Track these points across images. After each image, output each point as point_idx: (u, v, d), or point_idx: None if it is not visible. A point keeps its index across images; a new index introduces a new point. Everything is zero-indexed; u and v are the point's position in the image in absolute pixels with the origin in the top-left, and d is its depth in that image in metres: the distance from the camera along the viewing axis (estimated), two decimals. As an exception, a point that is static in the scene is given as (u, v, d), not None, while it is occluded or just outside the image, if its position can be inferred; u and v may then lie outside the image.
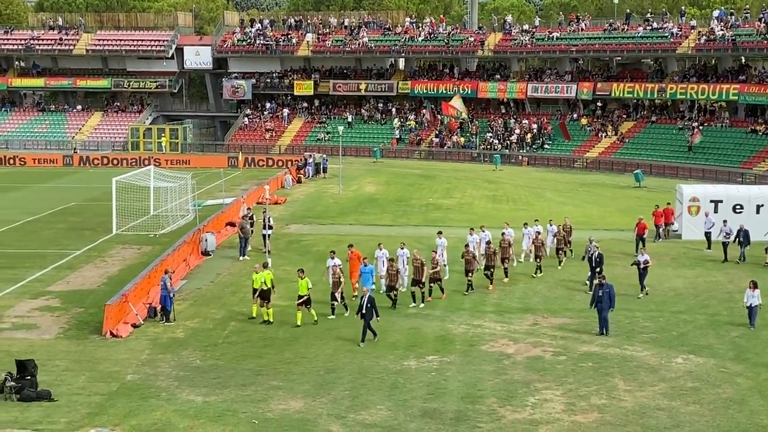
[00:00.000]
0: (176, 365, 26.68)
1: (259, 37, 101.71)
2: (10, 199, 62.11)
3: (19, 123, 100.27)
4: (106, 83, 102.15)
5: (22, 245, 45.04)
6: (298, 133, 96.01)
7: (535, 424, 22.17)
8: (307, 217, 53.60)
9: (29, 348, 27.75)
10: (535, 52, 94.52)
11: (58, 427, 21.88)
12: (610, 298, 29.22)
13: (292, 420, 22.34)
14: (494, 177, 73.77)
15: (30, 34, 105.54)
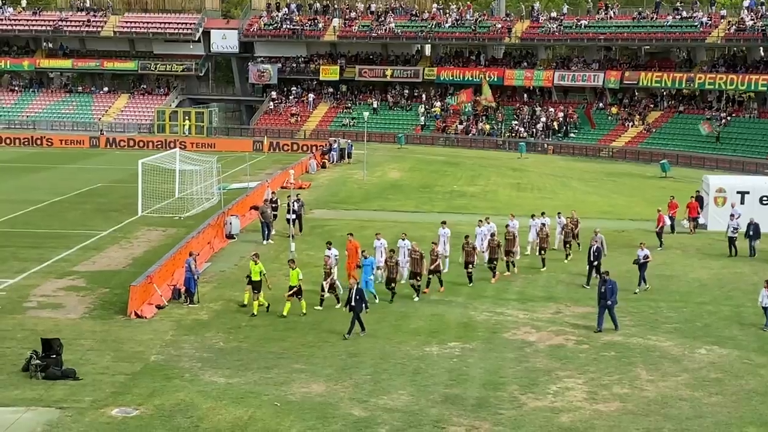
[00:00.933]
0: (200, 347, 26.81)
1: (286, 21, 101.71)
2: (37, 180, 62.52)
3: (46, 104, 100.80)
4: (133, 65, 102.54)
5: (49, 225, 45.32)
6: (323, 118, 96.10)
7: (557, 412, 22.19)
8: (331, 202, 53.69)
9: (55, 327, 27.95)
10: (562, 39, 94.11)
11: (83, 406, 22.06)
12: (612, 293, 28.47)
13: (314, 403, 22.43)
14: (519, 165, 73.62)
15: (58, 16, 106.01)
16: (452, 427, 21.13)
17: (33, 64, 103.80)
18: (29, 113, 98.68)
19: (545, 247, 37.57)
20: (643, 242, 34.95)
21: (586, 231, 39.02)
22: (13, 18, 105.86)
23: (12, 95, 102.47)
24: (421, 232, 39.21)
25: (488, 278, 34.75)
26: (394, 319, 29.82)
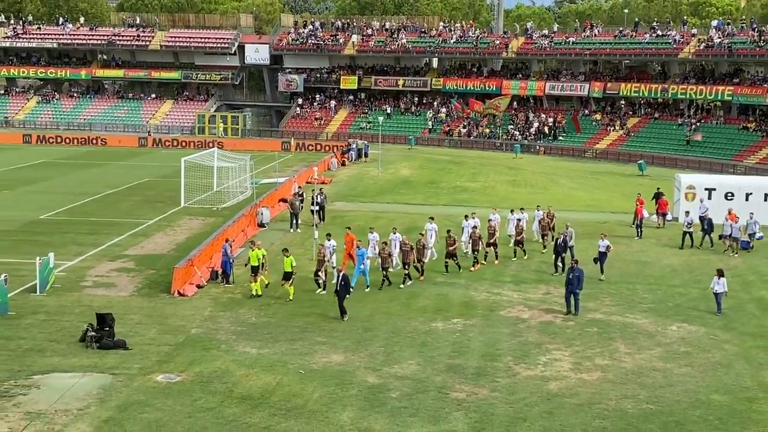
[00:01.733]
0: (234, 321, 26.89)
1: (311, 37, 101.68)
2: (93, 174, 62.70)
3: (101, 108, 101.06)
4: (176, 75, 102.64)
5: (103, 214, 45.44)
6: (343, 122, 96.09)
7: (546, 380, 22.19)
8: (349, 195, 53.69)
9: (108, 303, 28.03)
10: (553, 54, 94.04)
11: (132, 373, 22.15)
12: (579, 280, 27.74)
13: (334, 371, 22.48)
14: (514, 164, 73.48)
15: (112, 31, 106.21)
16: (454, 392, 21.15)
17: (89, 74, 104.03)
18: (86, 116, 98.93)
19: (521, 240, 36.19)
20: (603, 233, 34.19)
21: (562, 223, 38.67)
22: (72, 33, 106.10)
23: (71, 101, 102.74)
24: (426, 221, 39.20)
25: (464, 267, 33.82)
26: (404, 298, 29.85)
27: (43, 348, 23.80)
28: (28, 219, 43.36)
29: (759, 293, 31.59)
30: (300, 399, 20.55)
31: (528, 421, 19.59)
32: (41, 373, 21.84)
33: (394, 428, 18.98)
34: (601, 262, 32.93)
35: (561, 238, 33.94)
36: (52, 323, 26.11)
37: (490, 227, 35.68)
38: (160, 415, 19.45)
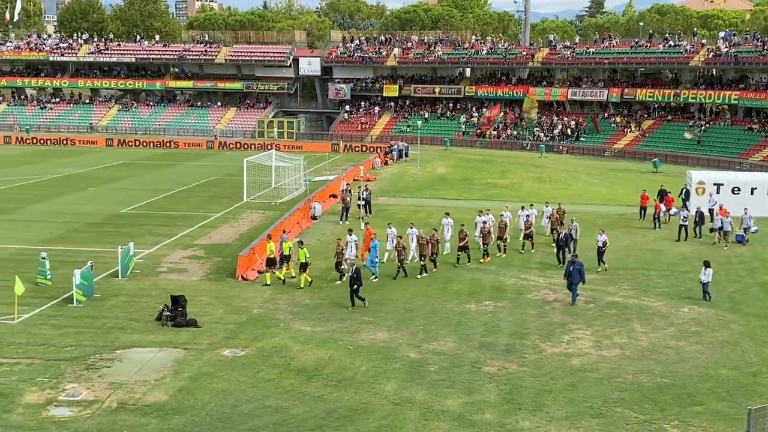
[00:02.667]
0: (291, 303, 27.02)
1: (357, 50, 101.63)
2: (167, 174, 63.33)
3: (173, 115, 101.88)
4: (239, 86, 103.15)
5: (176, 208, 45.85)
6: (386, 126, 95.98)
7: (569, 356, 22.04)
8: (391, 191, 53.68)
9: (180, 286, 28.30)
10: (574, 63, 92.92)
11: (202, 347, 22.37)
12: (579, 273, 26.81)
13: (379, 347, 22.52)
14: (540, 163, 72.91)
15: (183, 47, 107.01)
16: (486, 367, 21.08)
17: (163, 85, 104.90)
18: (160, 122, 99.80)
19: (530, 233, 35.00)
20: (602, 229, 33.05)
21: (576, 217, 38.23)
22: (148, 49, 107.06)
23: (147, 108, 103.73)
24: (461, 215, 39.08)
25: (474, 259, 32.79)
26: (441, 283, 29.78)
27: (124, 326, 24.12)
28: (111, 213, 43.90)
29: (763, 278, 31.12)
30: (349, 372, 20.62)
31: (553, 393, 19.48)
32: (123, 348, 22.14)
33: (433, 398, 18.97)
34: (599, 255, 31.65)
35: (563, 233, 32.91)
36: (132, 304, 26.44)
37: (501, 222, 34.89)
38: (227, 385, 19.63)
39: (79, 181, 56.87)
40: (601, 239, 31.69)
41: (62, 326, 23.94)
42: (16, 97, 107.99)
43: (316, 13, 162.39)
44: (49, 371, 20.31)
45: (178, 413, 18.02)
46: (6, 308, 25.11)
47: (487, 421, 17.77)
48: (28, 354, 21.56)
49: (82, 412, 17.99)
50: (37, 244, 35.02)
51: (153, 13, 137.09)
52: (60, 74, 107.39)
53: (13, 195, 49.65)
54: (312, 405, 18.52)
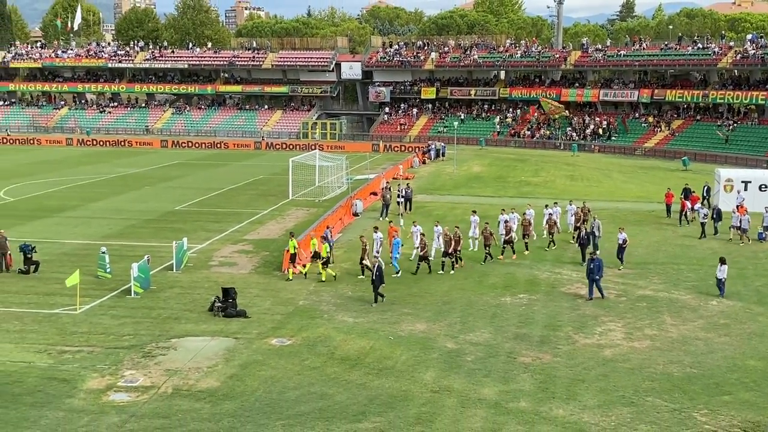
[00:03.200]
0: (334, 295, 27.10)
1: (396, 55, 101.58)
2: (217, 173, 63.83)
3: (223, 118, 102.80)
4: (285, 89, 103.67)
5: (226, 206, 46.18)
6: (424, 126, 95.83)
7: (601, 347, 21.82)
8: (429, 189, 53.60)
9: (231, 279, 28.53)
10: (606, 65, 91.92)
11: (251, 337, 22.53)
12: (599, 269, 26.22)
13: (418, 338, 22.50)
14: (572, 161, 72.25)
15: (232, 54, 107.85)
16: (521, 357, 20.96)
17: (214, 89, 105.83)
18: (211, 125, 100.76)
19: (553, 232, 34.67)
20: (622, 227, 32.17)
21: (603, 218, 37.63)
22: (200, 56, 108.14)
23: (199, 112, 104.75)
24: (495, 212, 38.82)
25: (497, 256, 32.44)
26: (477, 276, 29.66)
27: (178, 316, 24.38)
28: (166, 210, 44.41)
29: (791, 273, 30.50)
30: (390, 361, 20.63)
31: (586, 382, 19.31)
32: (177, 337, 22.39)
33: (470, 386, 18.92)
34: (619, 253, 30.83)
35: (584, 231, 31.99)
36: (185, 296, 26.72)
37: (524, 221, 34.25)
38: (275, 373, 19.76)
39: (136, 181, 57.62)
40: (621, 237, 30.97)
41: (121, 316, 24.29)
42: (77, 102, 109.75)
43: (357, 20, 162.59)
44: (108, 359, 20.62)
45: (229, 399, 18.19)
46: (69, 299, 25.55)
47: (522, 409, 17.67)
48: (89, 342, 21.92)
49: (140, 397, 18.24)
50: (98, 239, 35.56)
51: (204, 21, 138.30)
52: (118, 80, 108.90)
53: (75, 193, 50.47)
54: (355, 392, 18.57)
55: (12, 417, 17.10)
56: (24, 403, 17.81)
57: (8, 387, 18.65)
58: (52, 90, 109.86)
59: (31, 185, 54.13)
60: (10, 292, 26.99)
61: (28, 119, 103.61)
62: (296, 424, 16.78)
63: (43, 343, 21.75)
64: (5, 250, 29.75)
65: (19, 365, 20.07)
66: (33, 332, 22.72)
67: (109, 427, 16.65)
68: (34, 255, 29.76)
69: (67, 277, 25.29)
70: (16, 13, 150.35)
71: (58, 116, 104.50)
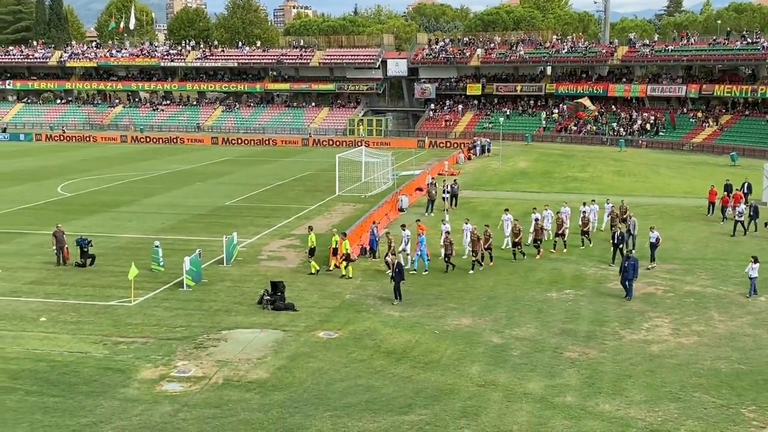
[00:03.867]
0: (380, 289, 27.14)
1: (442, 51, 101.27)
2: (266, 169, 64.33)
3: (272, 115, 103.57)
4: (332, 87, 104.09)
5: (274, 201, 46.49)
6: (469, 123, 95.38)
7: (648, 343, 21.53)
8: (474, 185, 53.34)
9: (279, 273, 28.73)
10: (653, 60, 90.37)
11: (299, 329, 22.71)
12: (634, 269, 25.63)
13: (463, 332, 22.45)
14: (619, 157, 71.27)
15: (280, 52, 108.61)
16: (568, 352, 20.79)
17: (263, 87, 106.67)
18: (260, 122, 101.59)
19: (587, 231, 33.43)
20: (653, 226, 31.17)
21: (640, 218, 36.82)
22: (249, 54, 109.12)
23: (248, 109, 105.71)
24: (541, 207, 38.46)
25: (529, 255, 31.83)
26: (523, 271, 29.47)
27: (229, 309, 24.66)
28: (216, 205, 44.93)
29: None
30: (435, 354, 20.63)
31: (632, 377, 19.07)
32: (228, 329, 22.66)
33: (516, 381, 18.82)
34: (651, 252, 29.93)
35: (617, 231, 30.83)
36: (235, 289, 27.02)
37: (558, 219, 33.27)
38: (322, 365, 19.90)
39: (187, 177, 58.41)
40: (654, 235, 30.03)
41: (173, 308, 24.68)
42: (131, 100, 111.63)
43: (403, 17, 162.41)
44: (162, 349, 20.97)
45: (278, 389, 18.36)
46: (124, 292, 26.04)
47: (568, 404, 17.53)
48: (143, 334, 22.32)
49: (192, 387, 18.51)
50: (151, 233, 36.12)
51: (253, 20, 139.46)
52: (170, 78, 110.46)
53: (129, 189, 51.35)
54: (401, 385, 18.60)
55: (69, 405, 17.50)
56: (80, 392, 18.22)
57: (65, 376, 19.09)
58: (107, 88, 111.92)
59: (87, 181, 55.23)
60: (68, 284, 27.60)
61: (84, 117, 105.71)
62: (343, 416, 16.89)
63: (98, 334, 22.22)
64: (63, 244, 30.43)
65: (76, 355, 20.52)
66: (89, 323, 23.21)
67: (162, 416, 16.95)
68: (90, 249, 30.37)
69: (122, 270, 25.77)
70: (72, 14, 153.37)
71: (112, 114, 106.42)
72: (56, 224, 31.61)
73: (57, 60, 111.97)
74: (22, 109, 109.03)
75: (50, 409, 17.29)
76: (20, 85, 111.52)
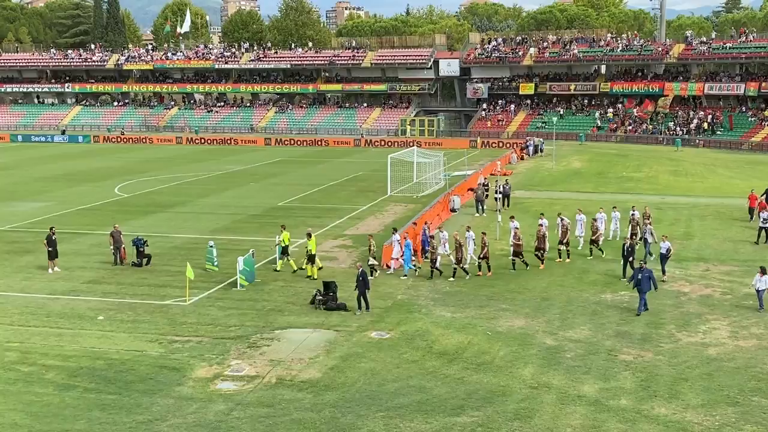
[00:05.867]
0: (432, 290, 27.06)
1: (495, 51, 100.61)
2: (318, 170, 64.71)
3: (324, 116, 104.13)
4: (383, 87, 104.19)
5: (326, 201, 46.73)
6: (522, 122, 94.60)
7: (705, 346, 21.07)
8: (528, 185, 52.87)
9: (332, 273, 28.81)
10: (711, 58, 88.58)
11: (351, 329, 22.77)
12: (650, 280, 23.83)
13: (516, 334, 22.26)
14: (675, 156, 69.92)
15: (332, 53, 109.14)
16: (622, 355, 20.45)
17: (315, 88, 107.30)
18: (313, 123, 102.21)
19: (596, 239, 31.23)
20: (665, 235, 29.55)
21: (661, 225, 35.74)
22: (301, 56, 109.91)
23: (301, 110, 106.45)
24: (595, 208, 37.91)
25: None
26: (577, 273, 29.09)
27: (282, 308, 24.86)
28: (269, 205, 45.34)
29: None
30: (488, 356, 20.49)
31: (689, 381, 18.68)
32: (281, 329, 22.84)
33: (570, 383, 18.58)
34: (662, 264, 27.86)
35: (626, 243, 28.44)
36: (288, 289, 27.23)
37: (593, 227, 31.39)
38: (374, 365, 19.92)
39: (241, 177, 59.08)
40: (665, 246, 28.09)
41: (227, 308, 24.98)
42: (186, 102, 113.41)
43: (455, 17, 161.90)
44: (216, 348, 21.24)
45: (330, 389, 18.44)
46: (179, 291, 26.45)
47: (623, 407, 17.25)
48: (197, 333, 22.63)
49: (245, 386, 18.71)
50: (206, 233, 36.62)
51: (306, 22, 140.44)
52: (224, 80, 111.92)
53: (184, 190, 52.16)
54: (453, 386, 18.52)
55: (125, 403, 17.83)
56: (136, 390, 18.55)
57: (122, 374, 19.47)
58: (163, 91, 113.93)
59: (143, 182, 56.27)
60: (124, 283, 28.15)
61: (140, 119, 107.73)
62: (395, 416, 16.88)
63: (154, 333, 22.60)
64: (120, 244, 31.04)
65: (132, 353, 20.91)
66: (145, 322, 23.64)
67: (216, 415, 17.16)
68: (146, 248, 30.93)
69: (177, 269, 26.17)
70: (129, 17, 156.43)
71: (168, 116, 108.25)
72: (113, 224, 32.29)
73: (114, 63, 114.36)
74: (81, 112, 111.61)
75: (107, 407, 17.65)
76: (79, 88, 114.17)
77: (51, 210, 43.87)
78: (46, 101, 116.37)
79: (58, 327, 23.24)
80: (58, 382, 19.05)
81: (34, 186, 54.28)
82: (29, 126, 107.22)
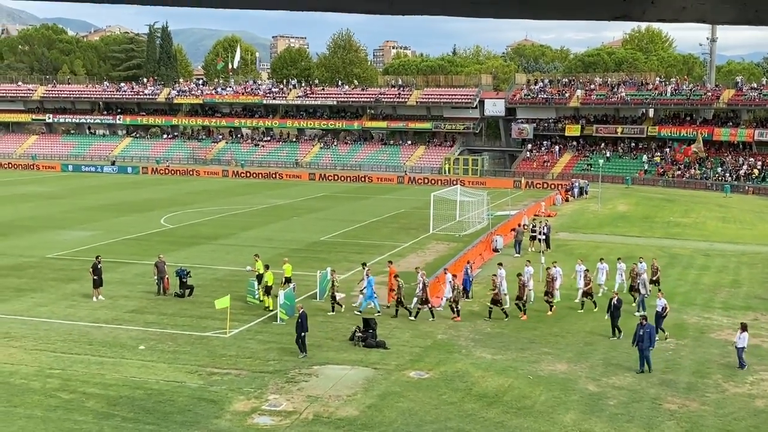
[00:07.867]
0: (473, 330, 26.84)
1: (541, 92, 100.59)
2: (361, 206, 64.97)
3: (369, 152, 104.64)
4: (428, 126, 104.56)
5: (368, 237, 46.88)
6: (567, 164, 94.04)
7: (753, 397, 20.49)
8: (572, 227, 52.38)
9: (371, 310, 28.75)
10: (761, 104, 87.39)
11: (390, 368, 22.61)
12: (650, 337, 22.60)
13: (558, 379, 21.89)
14: (724, 202, 68.78)
15: (378, 91, 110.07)
16: (667, 404, 19.97)
17: (361, 125, 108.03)
18: (357, 159, 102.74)
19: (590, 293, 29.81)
20: (661, 291, 28.25)
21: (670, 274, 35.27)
22: (348, 93, 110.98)
23: (346, 146, 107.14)
24: (642, 253, 37.38)
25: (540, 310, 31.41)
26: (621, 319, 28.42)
27: (321, 344, 24.80)
28: (311, 240, 45.56)
29: None
30: (528, 400, 20.16)
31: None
32: (319, 365, 22.77)
33: (612, 431, 18.16)
34: (657, 323, 25.37)
35: (614, 298, 26.62)
36: (328, 324, 27.20)
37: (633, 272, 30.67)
38: (412, 405, 19.71)
39: (285, 211, 59.52)
40: (661, 303, 26.25)
41: (267, 341, 25.01)
42: (234, 136, 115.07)
43: (502, 58, 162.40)
44: (254, 382, 21.23)
45: (368, 428, 18.26)
46: (220, 323, 26.58)
47: (666, 459, 16.80)
48: (236, 365, 22.66)
49: (282, 422, 18.62)
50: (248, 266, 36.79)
51: (353, 60, 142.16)
52: (271, 115, 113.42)
53: (229, 222, 52.69)
54: (492, 430, 18.22)
55: (164, 432, 17.87)
56: (174, 421, 18.58)
57: (161, 405, 19.53)
58: (211, 125, 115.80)
59: (189, 214, 57.00)
60: (166, 314, 28.39)
61: (188, 152, 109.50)
62: (432, 458, 16.64)
63: (194, 364, 22.69)
64: (164, 274, 31.39)
65: (172, 384, 21.00)
66: (185, 353, 23.76)
67: (253, 449, 17.08)
68: (189, 279, 31.22)
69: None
70: (181, 52, 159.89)
71: (215, 149, 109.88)
72: (158, 255, 32.67)
73: (165, 96, 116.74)
74: (131, 143, 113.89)
75: (146, 436, 17.69)
76: (130, 120, 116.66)
77: (98, 239, 44.61)
78: (98, 132, 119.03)
79: (99, 355, 23.48)
80: (98, 410, 19.18)
81: (82, 215, 55.32)
82: (80, 156, 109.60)
